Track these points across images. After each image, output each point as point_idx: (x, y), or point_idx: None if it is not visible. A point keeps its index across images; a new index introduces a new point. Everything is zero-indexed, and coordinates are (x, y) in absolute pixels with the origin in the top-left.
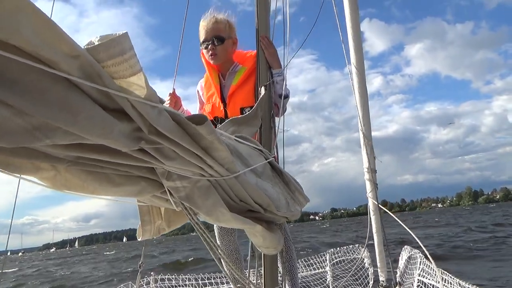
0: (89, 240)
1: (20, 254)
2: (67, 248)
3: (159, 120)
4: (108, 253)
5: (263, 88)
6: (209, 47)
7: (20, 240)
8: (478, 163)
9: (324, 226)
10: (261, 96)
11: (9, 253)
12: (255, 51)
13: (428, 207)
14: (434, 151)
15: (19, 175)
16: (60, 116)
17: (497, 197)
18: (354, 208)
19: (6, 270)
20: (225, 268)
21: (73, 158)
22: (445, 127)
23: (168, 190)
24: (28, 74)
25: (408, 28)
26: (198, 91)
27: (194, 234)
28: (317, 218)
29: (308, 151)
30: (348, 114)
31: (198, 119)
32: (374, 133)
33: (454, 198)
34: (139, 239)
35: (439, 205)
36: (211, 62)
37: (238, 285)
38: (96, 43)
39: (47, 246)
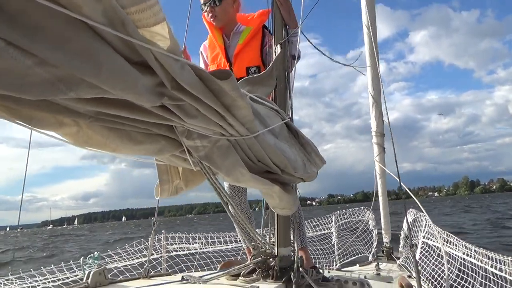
0: (87, 218)
1: (18, 230)
2: (65, 226)
3: (182, 75)
4: (108, 232)
5: (278, 46)
6: (208, 9)
7: (18, 216)
8: (477, 153)
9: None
10: (276, 55)
11: (8, 229)
12: (258, 11)
13: (424, 196)
14: (434, 140)
15: (30, 127)
16: (83, 67)
17: (493, 188)
18: (351, 195)
19: None
20: (239, 227)
21: (95, 113)
22: (444, 116)
23: (187, 149)
24: (50, 20)
25: (414, 15)
26: (201, 53)
27: (190, 216)
28: (314, 203)
29: (307, 136)
30: (349, 100)
31: (223, 74)
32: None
33: (451, 188)
34: (157, 198)
35: (436, 194)
36: (213, 24)
37: (252, 243)
38: None
39: (45, 223)
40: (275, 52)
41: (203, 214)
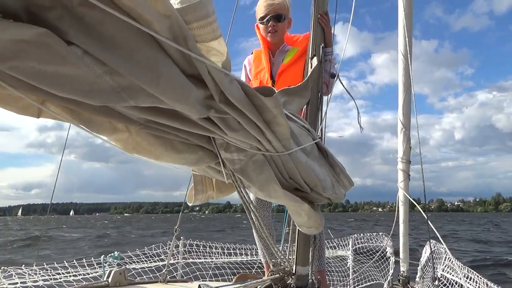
0: (26, 209)
1: None
2: None
3: (231, 89)
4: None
5: (315, 58)
6: (270, 23)
7: None
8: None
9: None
10: (313, 68)
11: None
12: (305, 34)
13: (369, 210)
14: (385, 158)
15: (88, 130)
16: (146, 77)
17: (432, 207)
18: None
19: None
20: (261, 242)
21: (145, 121)
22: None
23: (223, 161)
24: (122, 33)
25: (378, 38)
26: (245, 66)
27: (129, 214)
28: None
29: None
30: None
31: (267, 91)
32: (331, 134)
33: (394, 204)
34: (190, 204)
35: (380, 209)
36: (269, 39)
37: (273, 260)
38: (177, 4)
39: None
40: (311, 64)
41: (151, 213)
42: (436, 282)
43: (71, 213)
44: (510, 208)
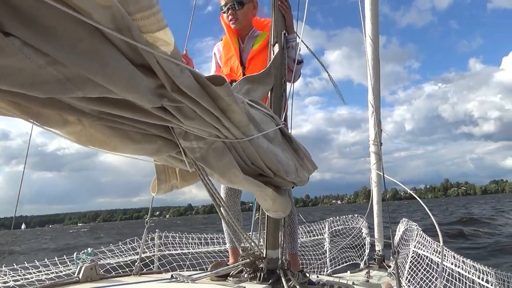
0: None
1: None
2: None
3: (182, 78)
4: None
5: (276, 45)
6: (229, 11)
7: None
8: None
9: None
10: (274, 55)
11: None
12: None
13: (329, 203)
14: (342, 152)
15: (38, 124)
16: (90, 67)
17: (387, 196)
18: None
19: None
20: (229, 229)
21: (98, 113)
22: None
23: (183, 150)
24: (63, 23)
25: (330, 35)
26: (214, 54)
27: (88, 224)
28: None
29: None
30: None
31: (218, 80)
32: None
33: (352, 196)
34: (153, 195)
35: (339, 202)
36: (232, 26)
37: (242, 245)
38: None
39: None
40: (273, 51)
41: (109, 221)
42: (396, 256)
43: (23, 227)
44: (457, 193)
